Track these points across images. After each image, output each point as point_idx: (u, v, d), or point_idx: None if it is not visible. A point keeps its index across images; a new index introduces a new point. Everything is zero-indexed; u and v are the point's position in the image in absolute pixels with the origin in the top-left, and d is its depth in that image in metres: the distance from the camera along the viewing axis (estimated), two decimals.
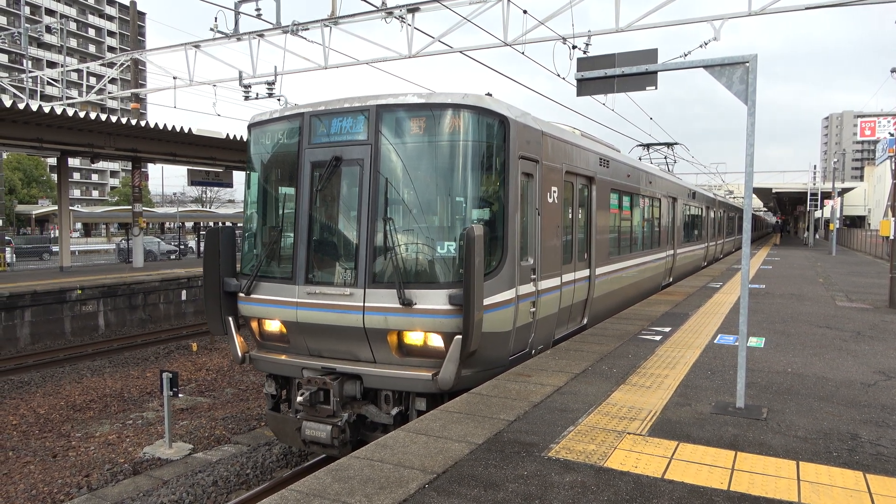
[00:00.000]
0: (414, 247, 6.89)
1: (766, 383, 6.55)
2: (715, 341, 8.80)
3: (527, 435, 4.91)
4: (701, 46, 13.90)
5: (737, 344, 8.49)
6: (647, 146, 24.48)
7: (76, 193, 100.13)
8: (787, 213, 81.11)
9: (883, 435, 5.01)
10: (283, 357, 7.42)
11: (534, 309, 7.63)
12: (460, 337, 6.27)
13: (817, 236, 54.19)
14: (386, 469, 4.22)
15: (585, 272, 9.73)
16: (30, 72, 26.32)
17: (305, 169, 7.24)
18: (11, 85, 30.98)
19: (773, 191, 53.40)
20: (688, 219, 20.45)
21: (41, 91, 28.66)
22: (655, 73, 6.10)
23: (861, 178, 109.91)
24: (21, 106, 15.64)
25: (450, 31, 15.12)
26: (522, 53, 14.61)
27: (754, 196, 63.84)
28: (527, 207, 7.50)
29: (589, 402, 5.84)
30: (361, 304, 6.75)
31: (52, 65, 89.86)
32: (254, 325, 7.72)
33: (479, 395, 5.96)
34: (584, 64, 6.45)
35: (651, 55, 6.15)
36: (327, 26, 16.15)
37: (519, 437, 4.87)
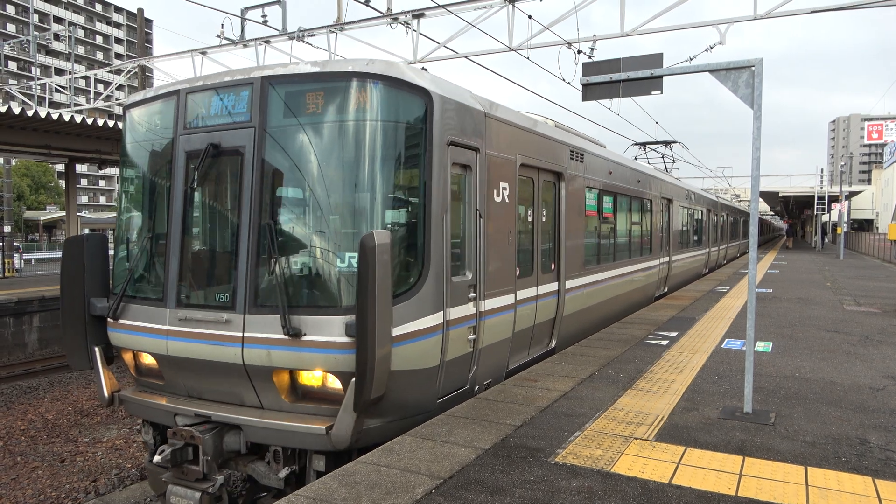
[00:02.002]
0: (306, 260, 5.55)
1: (773, 388, 6.52)
2: (722, 346, 8.77)
3: (533, 440, 4.90)
4: (706, 50, 13.90)
5: (744, 348, 8.45)
6: (644, 145, 23.11)
7: (84, 199, 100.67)
8: (795, 217, 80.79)
9: (892, 440, 4.98)
10: (155, 400, 6.00)
11: (473, 336, 6.24)
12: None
13: (826, 240, 53.93)
14: (392, 474, 4.22)
15: (553, 286, 8.39)
16: (38, 79, 26.55)
17: (179, 161, 5.89)
18: (20, 92, 31.24)
19: (780, 194, 53.22)
20: (686, 222, 19.02)
21: (49, 98, 28.94)
22: (661, 77, 6.11)
23: (869, 181, 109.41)
24: (30, 113, 15.77)
25: (455, 37, 15.16)
26: (527, 58, 14.64)
27: (761, 200, 63.62)
28: (463, 208, 6.18)
29: (596, 407, 5.82)
30: (240, 335, 5.37)
31: (60, 72, 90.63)
32: (126, 357, 6.36)
33: (486, 400, 5.95)
34: (589, 69, 6.46)
35: (656, 60, 6.15)
36: (333, 32, 16.23)
37: (525, 442, 4.86)
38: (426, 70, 5.95)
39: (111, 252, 6.79)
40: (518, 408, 5.73)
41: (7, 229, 26.45)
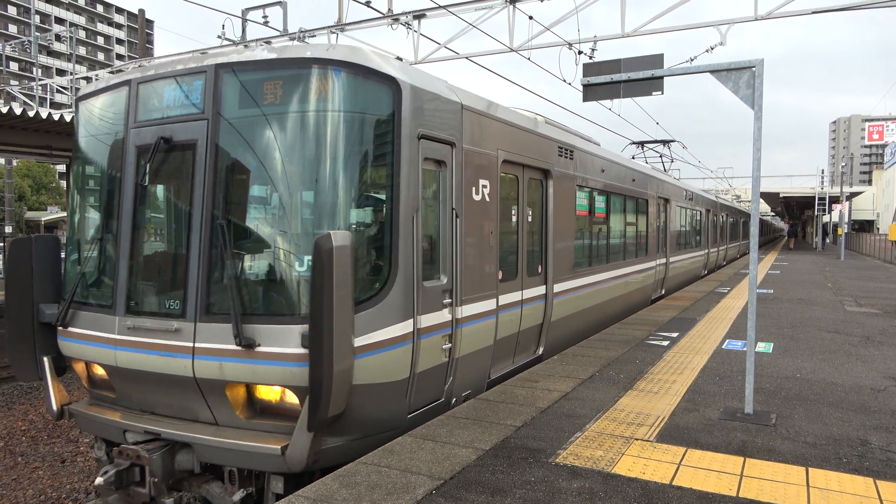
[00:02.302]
0: (262, 263, 5.17)
1: (774, 389, 6.52)
2: (723, 346, 8.76)
3: (534, 441, 4.90)
4: (707, 51, 13.90)
5: (745, 349, 8.44)
6: (642, 144, 22.49)
7: None
8: (796, 218, 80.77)
9: (893, 441, 4.97)
10: (106, 414, 5.58)
11: (449, 345, 5.83)
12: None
13: (828, 240, 53.88)
14: (393, 475, 4.22)
15: (539, 289, 8.00)
16: (39, 80, 26.60)
17: (130, 156, 5.49)
18: (22, 93, 31.28)
19: (781, 195, 53.23)
20: (684, 223, 18.52)
21: (51, 99, 28.98)
22: (661, 78, 6.11)
23: (869, 182, 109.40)
24: (31, 114, 15.79)
25: (456, 37, 15.17)
26: (528, 59, 14.64)
27: (762, 201, 63.68)
28: (437, 207, 5.79)
29: (596, 407, 5.82)
30: (190, 345, 4.99)
31: (61, 73, 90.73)
32: (78, 367, 5.96)
33: (486, 401, 5.95)
34: (590, 69, 6.46)
35: (657, 60, 6.15)
36: (334, 33, 16.24)
37: (526, 442, 4.86)
38: (402, 64, 5.52)
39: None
40: (519, 408, 5.73)
41: (8, 230, 26.49)
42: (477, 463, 4.44)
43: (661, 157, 23.24)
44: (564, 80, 14.46)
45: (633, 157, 20.93)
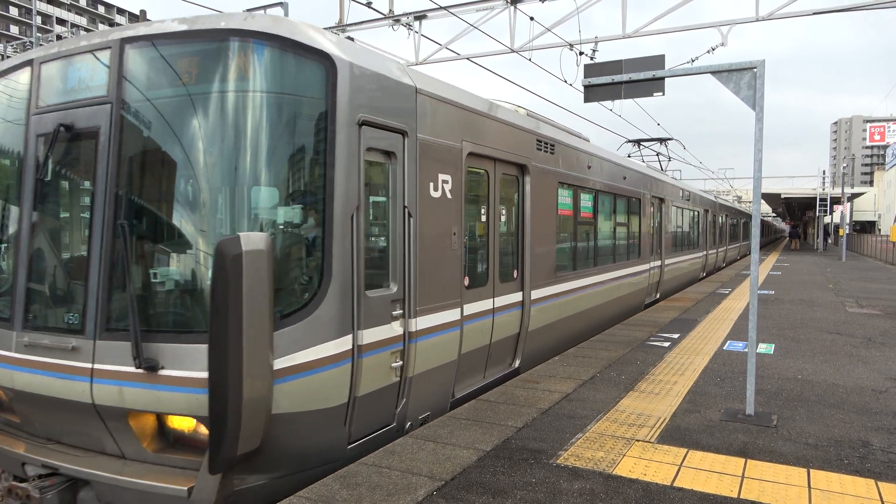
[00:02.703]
0: (169, 271, 4.47)
1: (775, 390, 6.51)
2: (724, 347, 8.75)
3: (535, 442, 4.90)
4: (708, 52, 13.89)
5: (746, 350, 8.43)
6: (638, 142, 21.45)
7: None
8: (797, 219, 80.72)
9: (894, 442, 4.97)
10: (7, 444, 4.87)
11: (400, 363, 5.16)
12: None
13: (829, 241, 53.82)
14: (394, 476, 4.22)
15: (515, 296, 7.30)
16: None
17: (30, 147, 4.82)
18: None
19: (782, 196, 53.19)
20: (680, 224, 17.80)
21: None
22: (663, 79, 6.11)
23: (871, 183, 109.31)
24: None
25: (457, 38, 15.17)
26: (529, 60, 14.64)
27: (763, 201, 63.66)
28: (385, 205, 5.14)
29: (597, 408, 5.81)
30: (89, 366, 4.33)
31: None
32: None
33: (487, 402, 5.95)
34: (591, 70, 6.46)
35: (658, 61, 6.15)
36: (335, 34, 16.24)
37: (527, 443, 4.86)
38: (341, 39, 4.90)
39: None
40: (520, 409, 5.72)
41: None
42: (478, 464, 4.44)
43: (657, 155, 22.42)
44: (565, 81, 14.46)
45: (629, 156, 20.31)
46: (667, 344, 8.97)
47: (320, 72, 4.45)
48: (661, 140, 21.93)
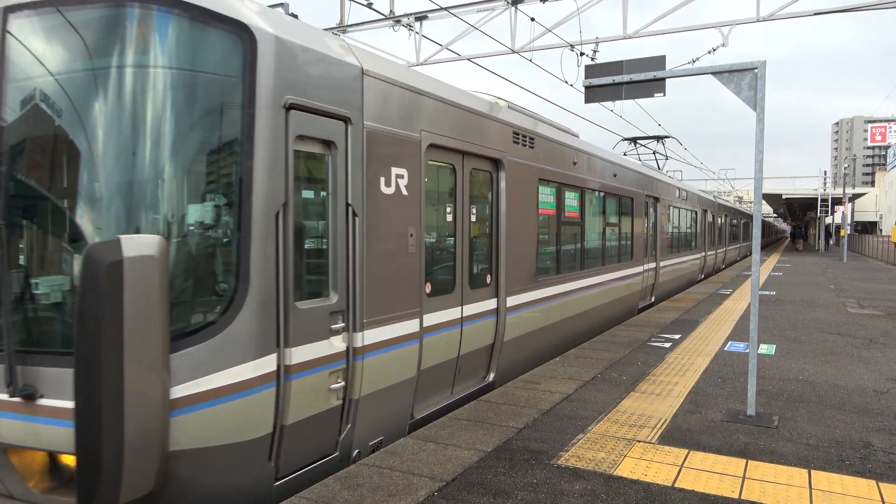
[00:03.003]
0: (55, 281, 3.88)
1: (776, 391, 6.51)
2: (725, 348, 8.75)
3: (536, 442, 4.90)
4: (709, 52, 13.90)
5: (747, 351, 8.44)
6: (634, 140, 20.68)
7: None
8: (798, 220, 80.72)
9: None
10: None
11: (341, 383, 4.56)
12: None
13: (831, 242, 53.79)
14: (395, 476, 4.22)
15: (488, 304, 6.74)
16: None
17: None
18: None
19: (784, 197, 53.20)
20: (677, 224, 17.18)
21: None
22: (664, 79, 6.11)
23: (872, 183, 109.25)
24: None
25: (457, 39, 15.18)
26: (530, 60, 14.65)
27: (764, 202, 63.64)
28: (323, 202, 4.52)
29: (598, 409, 5.81)
30: None
31: None
32: None
33: (488, 403, 5.95)
34: (592, 71, 6.47)
35: (659, 62, 6.16)
36: (336, 34, 16.26)
37: (528, 444, 4.86)
38: (267, 9, 4.29)
39: None
40: (521, 410, 5.72)
41: None
42: (479, 465, 4.44)
43: (654, 154, 21.32)
44: (566, 82, 14.47)
45: (625, 154, 19.68)
46: (668, 345, 8.97)
47: (237, 45, 3.83)
48: (658, 138, 21.06)
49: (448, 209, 6.14)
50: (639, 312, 13.01)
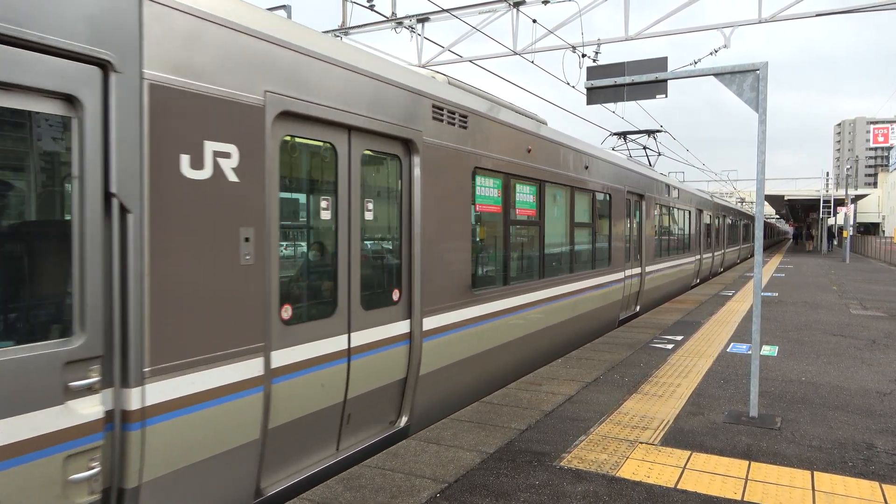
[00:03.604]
0: None
1: (779, 392, 6.50)
2: (727, 350, 8.74)
3: (538, 444, 4.90)
4: (711, 54, 13.91)
5: (750, 352, 8.43)
6: (624, 135, 19.05)
7: None
8: (800, 221, 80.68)
9: None
10: None
11: (96, 468, 3.08)
12: None
13: (835, 242, 53.74)
14: (397, 478, 4.23)
15: (395, 328, 5.29)
16: None
17: None
18: None
19: (786, 198, 53.15)
20: (667, 224, 15.88)
21: None
22: (665, 81, 6.11)
23: (874, 184, 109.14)
24: None
25: (460, 41, 15.20)
26: (532, 62, 14.67)
27: (766, 203, 63.52)
28: (60, 190, 3.19)
29: (600, 410, 5.81)
30: None
31: None
32: None
33: (490, 404, 5.95)
34: (593, 72, 6.47)
35: (661, 63, 6.16)
36: (338, 37, 16.28)
37: (530, 446, 4.86)
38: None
39: None
40: (523, 412, 5.72)
41: None
42: (481, 466, 4.44)
43: (644, 149, 19.62)
44: (568, 83, 14.48)
45: (613, 149, 17.91)
46: (670, 346, 8.96)
47: None
48: (649, 132, 19.28)
49: (324, 204, 4.62)
50: (620, 325, 11.68)
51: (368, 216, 5.09)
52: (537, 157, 7.90)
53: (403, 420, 5.47)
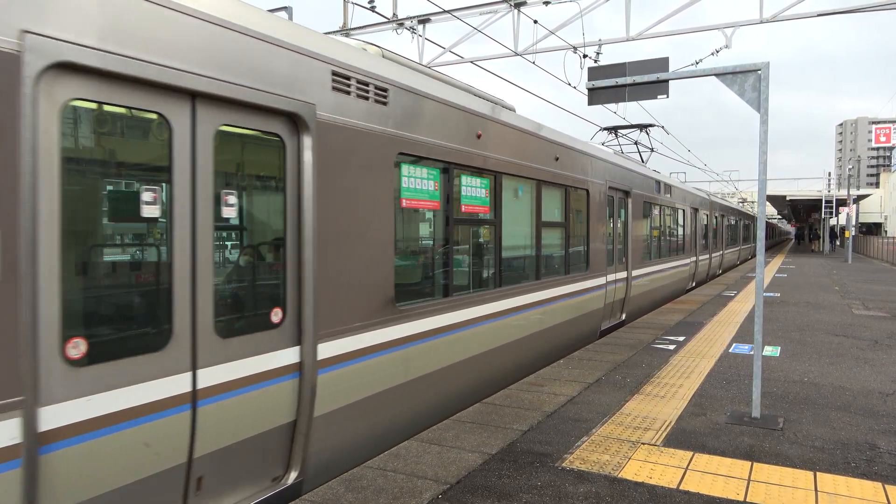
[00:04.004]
0: None
1: (782, 393, 6.49)
2: (730, 350, 8.73)
3: (540, 445, 4.89)
4: (712, 54, 13.91)
5: (752, 353, 8.41)
6: (615, 130, 17.45)
7: None
8: (802, 221, 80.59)
9: None
10: None
11: None
12: None
13: (837, 243, 53.69)
14: (399, 479, 4.22)
15: (274, 358, 4.11)
16: None
17: None
18: None
19: (787, 198, 53.10)
20: (658, 224, 14.66)
21: None
22: (667, 81, 6.11)
23: (876, 184, 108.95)
24: None
25: (461, 42, 15.21)
26: (533, 63, 14.67)
27: (768, 204, 63.41)
28: None
29: (603, 411, 5.80)
30: None
31: None
32: None
33: (492, 405, 5.95)
34: (595, 73, 6.47)
35: (662, 64, 6.16)
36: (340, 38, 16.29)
37: (532, 447, 4.85)
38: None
39: None
40: (525, 413, 5.72)
41: None
42: (483, 467, 4.44)
43: (636, 143, 17.94)
44: (569, 84, 14.48)
45: (604, 144, 16.57)
46: (672, 347, 8.95)
47: None
48: (642, 127, 17.69)
49: (149, 197, 3.47)
50: (601, 336, 10.46)
51: (228, 213, 3.90)
52: (489, 143, 6.69)
53: (293, 475, 4.30)
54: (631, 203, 12.05)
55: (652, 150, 18.53)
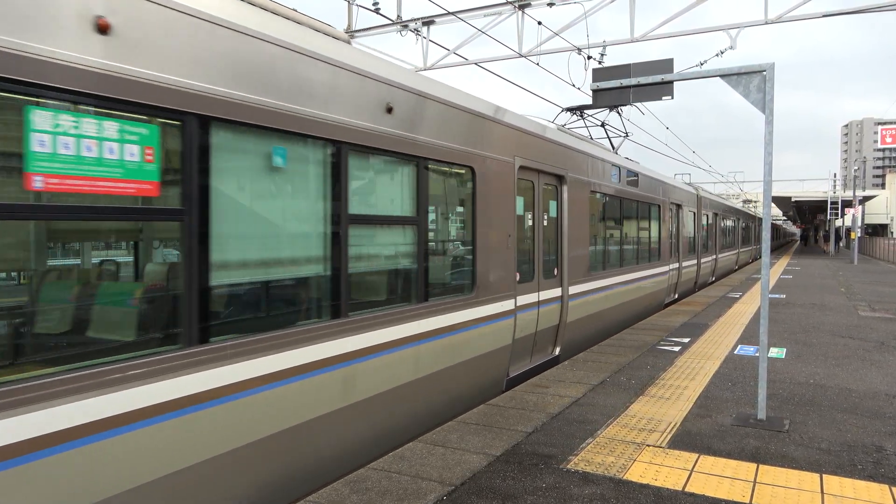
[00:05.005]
0: None
1: (787, 394, 6.46)
2: (735, 352, 8.70)
3: (545, 447, 4.89)
4: (717, 55, 13.89)
5: (757, 354, 8.38)
6: (579, 110, 13.68)
7: None
8: (808, 222, 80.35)
9: None
10: None
11: None
12: None
13: (842, 244, 53.46)
14: (404, 480, 4.22)
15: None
16: None
17: None
18: None
19: (793, 199, 52.93)
20: (617, 223, 11.52)
21: None
22: (671, 82, 6.10)
23: (882, 185, 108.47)
24: None
25: (465, 43, 15.22)
26: (537, 64, 14.66)
27: (773, 205, 63.27)
28: None
29: (607, 413, 5.79)
30: None
31: None
32: None
33: (497, 407, 5.94)
34: (599, 74, 6.46)
35: (667, 65, 6.15)
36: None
37: (537, 448, 4.85)
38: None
39: None
40: (529, 414, 5.71)
41: None
42: (488, 469, 4.44)
43: (602, 125, 14.49)
44: (574, 85, 14.46)
45: (565, 125, 13.08)
46: (677, 348, 8.93)
47: None
48: (612, 107, 13.97)
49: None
50: (509, 387, 7.28)
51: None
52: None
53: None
54: (567, 193, 8.84)
55: (626, 135, 15.19)
